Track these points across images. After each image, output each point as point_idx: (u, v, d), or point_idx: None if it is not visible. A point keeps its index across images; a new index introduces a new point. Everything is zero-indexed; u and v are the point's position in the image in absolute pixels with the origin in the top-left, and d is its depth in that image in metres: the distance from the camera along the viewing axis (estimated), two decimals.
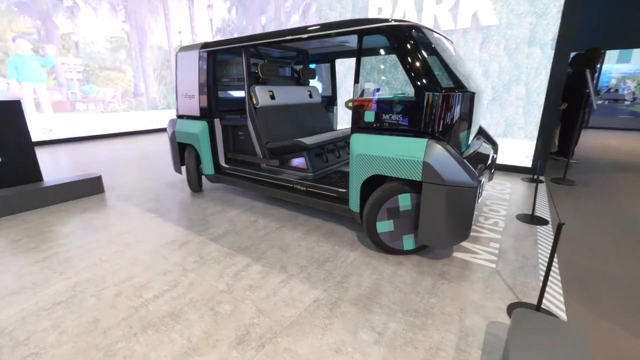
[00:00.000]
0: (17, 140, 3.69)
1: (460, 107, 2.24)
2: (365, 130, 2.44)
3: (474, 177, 2.03)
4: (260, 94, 3.25)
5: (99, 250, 2.54)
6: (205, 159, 3.68)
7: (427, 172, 2.11)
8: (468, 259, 2.39)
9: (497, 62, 4.60)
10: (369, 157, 2.37)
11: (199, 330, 1.69)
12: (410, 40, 2.18)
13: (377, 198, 2.31)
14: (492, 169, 3.17)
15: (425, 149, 2.12)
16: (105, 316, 1.80)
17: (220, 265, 2.31)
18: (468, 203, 2.05)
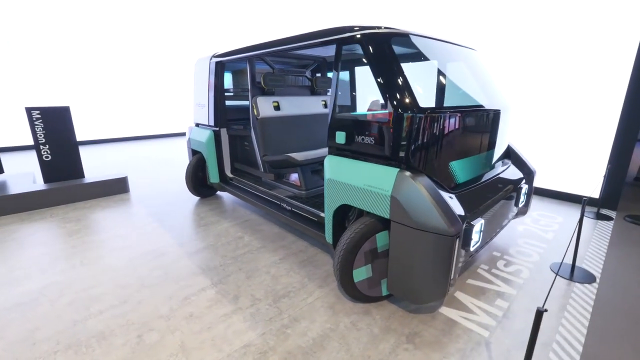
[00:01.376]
0: (65, 141, 4.19)
1: (451, 130, 1.81)
2: (339, 152, 2.13)
3: (454, 222, 1.59)
4: (263, 105, 3.14)
5: (87, 253, 2.68)
6: (211, 167, 3.72)
7: (395, 210, 1.73)
8: (456, 319, 1.91)
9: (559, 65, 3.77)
10: (339, 184, 2.06)
11: (112, 359, 1.61)
12: (385, 51, 1.82)
13: (352, 240, 1.88)
14: (521, 200, 2.59)
15: (394, 181, 1.74)
16: (45, 326, 1.84)
17: (177, 286, 2.23)
18: (442, 255, 1.62)
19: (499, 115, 2.26)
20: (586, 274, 2.42)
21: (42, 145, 4.06)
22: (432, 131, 1.72)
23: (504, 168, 2.55)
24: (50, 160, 4.15)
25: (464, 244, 1.78)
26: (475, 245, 1.89)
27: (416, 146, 1.72)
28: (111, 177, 4.29)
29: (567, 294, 2.17)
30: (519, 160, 2.73)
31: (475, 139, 2.06)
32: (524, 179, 2.62)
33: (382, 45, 1.83)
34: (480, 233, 1.89)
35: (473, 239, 1.82)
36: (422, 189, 1.65)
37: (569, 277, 2.37)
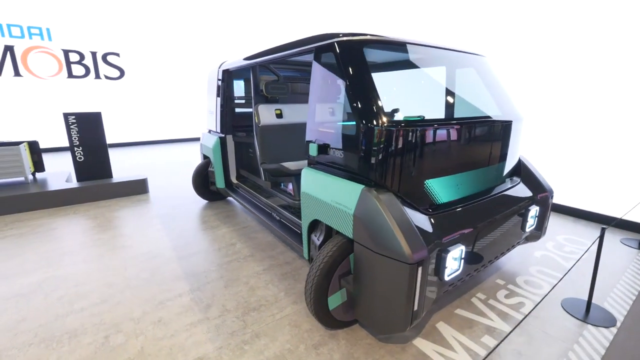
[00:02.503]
0: (96, 143, 4.59)
1: (428, 145, 1.66)
2: (314, 165, 2.06)
3: (417, 248, 1.44)
4: (264, 112, 3.13)
5: (90, 250, 2.88)
6: (217, 172, 3.82)
7: (357, 230, 1.62)
8: (429, 353, 1.73)
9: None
10: (311, 198, 1.98)
11: (74, 358, 1.69)
12: (355, 60, 1.72)
13: (325, 264, 1.69)
14: (529, 224, 2.27)
15: (358, 199, 1.62)
16: (31, 318, 1.99)
17: (158, 289, 2.29)
18: (401, 283, 1.46)
19: (496, 127, 2.04)
20: (605, 315, 2.07)
21: (76, 147, 4.48)
22: (403, 146, 1.58)
23: (507, 186, 2.28)
24: (83, 161, 4.56)
25: (437, 272, 1.61)
26: (453, 275, 1.67)
27: (384, 162, 1.58)
28: (132, 178, 4.60)
29: (574, 337, 1.87)
30: (531, 178, 2.42)
31: (463, 154, 1.86)
32: (533, 199, 2.32)
33: (351, 53, 1.73)
34: (460, 261, 1.68)
35: (448, 268, 1.62)
36: (383, 208, 1.51)
37: (582, 318, 2.05)
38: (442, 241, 1.61)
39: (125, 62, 8.66)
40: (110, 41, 8.30)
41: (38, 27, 7.41)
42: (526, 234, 2.35)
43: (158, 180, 5.40)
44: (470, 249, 1.82)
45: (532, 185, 2.40)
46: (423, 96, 1.88)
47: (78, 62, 8.02)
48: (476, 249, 1.88)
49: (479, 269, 1.99)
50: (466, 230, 1.76)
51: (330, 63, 1.80)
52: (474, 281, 2.42)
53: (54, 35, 7.61)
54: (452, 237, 1.67)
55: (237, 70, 3.67)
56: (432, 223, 1.66)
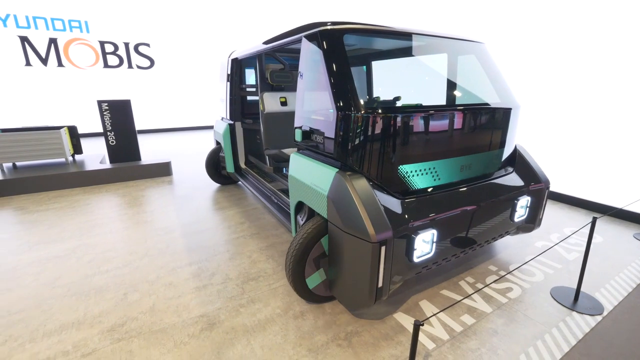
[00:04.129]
0: (127, 128, 4.99)
1: (403, 131, 1.72)
2: (301, 150, 2.18)
3: (381, 228, 1.53)
4: (269, 100, 3.26)
5: (117, 223, 3.23)
6: (227, 157, 4.04)
7: (330, 210, 1.74)
8: (407, 326, 1.86)
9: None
10: (297, 181, 2.11)
11: (98, 309, 1.99)
12: (334, 48, 1.79)
13: (299, 247, 1.81)
14: (519, 215, 2.27)
15: (331, 181, 1.74)
16: (66, 276, 2.33)
17: (171, 258, 2.57)
18: (365, 261, 1.57)
19: (481, 114, 2.04)
20: (594, 304, 2.08)
21: (109, 132, 4.90)
22: (376, 132, 1.65)
23: (496, 175, 2.28)
24: (115, 145, 4.98)
25: (407, 253, 1.70)
26: (423, 257, 1.75)
27: (358, 147, 1.67)
28: (158, 161, 4.97)
29: (554, 322, 1.92)
30: (526, 168, 2.40)
31: (441, 141, 1.90)
32: (524, 189, 2.30)
33: (331, 41, 1.79)
34: (432, 244, 1.76)
35: (418, 250, 1.70)
36: (352, 190, 1.61)
37: (570, 305, 2.08)
38: (412, 225, 1.69)
39: (155, 52, 9.13)
40: (141, 32, 8.78)
41: (77, 20, 7.98)
42: (516, 224, 2.35)
43: (182, 164, 5.78)
44: (445, 234, 1.87)
45: (525, 175, 2.37)
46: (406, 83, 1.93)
47: (113, 52, 8.58)
48: (453, 235, 1.93)
49: (457, 254, 2.03)
50: (439, 215, 1.81)
51: (313, 51, 1.87)
52: (465, 265, 2.49)
53: (92, 27, 8.17)
54: (423, 221, 1.74)
55: (246, 59, 3.82)
56: (404, 207, 1.74)
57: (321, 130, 1.86)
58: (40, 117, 8.05)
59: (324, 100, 1.80)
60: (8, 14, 7.31)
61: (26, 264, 2.48)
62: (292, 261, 1.82)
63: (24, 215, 3.41)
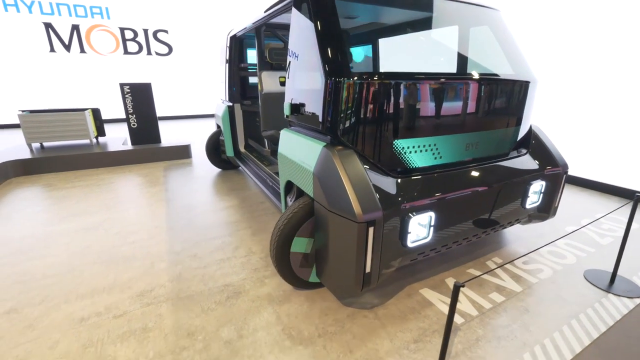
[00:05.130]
0: (147, 111, 5.06)
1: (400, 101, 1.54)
2: (290, 125, 2.01)
3: (369, 207, 1.38)
4: (267, 80, 2.98)
5: (141, 200, 3.30)
6: (227, 141, 3.87)
7: (316, 188, 1.58)
8: (433, 301, 1.83)
9: None
10: (285, 159, 1.95)
11: (126, 276, 2.03)
12: (324, 9, 1.62)
13: (283, 229, 1.67)
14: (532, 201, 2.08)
15: (317, 156, 1.58)
16: (95, 246, 2.39)
17: (194, 233, 2.60)
18: (351, 243, 1.42)
19: (491, 86, 1.80)
20: (631, 287, 1.99)
21: (130, 115, 4.98)
22: (368, 101, 1.48)
23: (506, 157, 2.05)
24: (136, 127, 5.07)
25: (400, 237, 1.55)
26: (419, 242, 1.59)
27: (347, 118, 1.50)
28: (178, 144, 5.03)
29: (590, 302, 1.84)
30: (542, 150, 2.15)
31: (444, 115, 1.68)
32: (539, 173, 2.06)
33: (321, 2, 1.62)
34: (429, 228, 1.59)
35: (413, 233, 1.55)
36: (338, 165, 1.45)
37: (605, 288, 1.99)
38: (406, 206, 1.52)
39: (173, 39, 9.19)
40: (160, 18, 8.84)
41: (99, 6, 8.10)
42: (528, 211, 2.14)
43: (201, 148, 5.84)
44: (445, 218, 1.70)
45: (541, 157, 2.13)
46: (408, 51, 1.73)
47: (132, 39, 8.68)
48: (454, 220, 1.75)
49: (459, 241, 1.86)
50: (438, 197, 1.63)
51: (303, 15, 1.71)
52: (492, 246, 2.42)
53: (112, 14, 8.28)
54: (420, 202, 1.57)
55: (246, 39, 3.62)
56: (399, 186, 1.58)
57: (309, 101, 1.68)
58: (64, 102, 8.27)
59: (313, 67, 1.62)
60: (33, 1, 7.48)
61: (57, 234, 2.56)
62: (276, 245, 1.69)
63: (52, 192, 3.52)
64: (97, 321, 1.65)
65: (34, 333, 1.58)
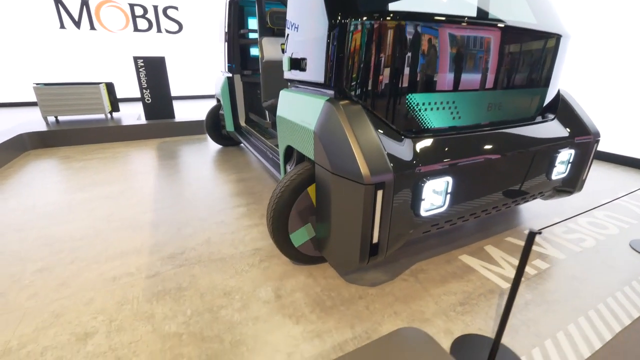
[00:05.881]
0: (161, 86, 4.96)
1: (412, 46, 1.32)
2: (290, 83, 1.82)
3: (377, 169, 1.21)
4: (268, 46, 2.69)
5: (160, 171, 3.25)
6: (227, 115, 3.65)
7: (317, 148, 1.41)
8: (475, 267, 1.75)
9: None
10: (284, 121, 1.77)
11: (154, 240, 1.99)
12: None
13: (281, 196, 1.52)
14: (558, 172, 1.88)
15: (319, 113, 1.40)
16: (118, 213, 2.35)
17: (218, 201, 2.55)
18: (356, 209, 1.26)
19: (518, 36, 1.57)
20: None
21: (144, 90, 4.88)
22: (377, 47, 1.28)
23: (532, 121, 1.84)
24: (151, 103, 4.98)
25: (412, 205, 1.38)
26: (433, 211, 1.43)
27: (353, 67, 1.31)
28: (192, 119, 4.95)
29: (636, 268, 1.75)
30: (571, 116, 1.94)
31: (466, 66, 1.46)
32: (568, 141, 1.85)
33: None
34: (445, 196, 1.43)
35: (427, 201, 1.39)
36: (343, 120, 1.28)
37: None
38: (420, 169, 1.34)
39: (183, 16, 8.98)
40: None
41: None
42: (553, 183, 1.94)
43: None
44: (463, 186, 1.51)
45: (570, 124, 1.92)
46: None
47: (142, 15, 8.49)
48: (473, 188, 1.57)
49: (477, 213, 1.68)
50: (456, 161, 1.44)
51: None
52: (529, 214, 2.32)
53: None
54: (436, 166, 1.38)
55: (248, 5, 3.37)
56: (412, 147, 1.38)
57: (311, 51, 1.47)
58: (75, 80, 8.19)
59: (315, 9, 1.40)
60: None
61: (79, 202, 2.52)
62: (273, 214, 1.54)
63: (71, 163, 3.49)
64: (129, 281, 1.61)
65: (68, 290, 1.54)
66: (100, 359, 1.19)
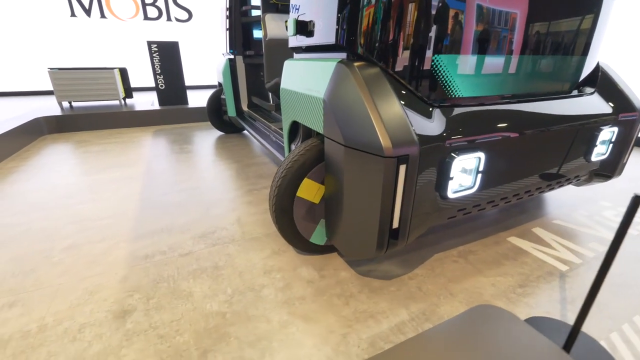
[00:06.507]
0: (174, 72, 4.87)
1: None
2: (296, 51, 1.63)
3: (400, 139, 1.03)
4: (271, 24, 2.51)
5: (179, 155, 3.16)
6: (228, 99, 3.43)
7: (327, 119, 1.22)
8: (526, 249, 1.63)
9: None
10: (289, 93, 1.59)
11: (183, 219, 1.90)
12: None
13: (285, 176, 1.35)
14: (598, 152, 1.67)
15: (330, 77, 1.22)
16: (144, 192, 2.27)
17: (244, 182, 2.45)
18: (374, 187, 1.09)
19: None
20: None
21: (158, 75, 4.80)
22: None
23: (571, 94, 1.62)
24: (164, 89, 4.90)
25: (438, 185, 1.20)
26: (461, 192, 1.23)
27: (369, 23, 1.11)
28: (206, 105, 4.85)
29: None
30: (613, 90, 1.72)
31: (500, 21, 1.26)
32: (611, 118, 1.64)
33: None
34: (475, 175, 1.24)
35: (455, 181, 1.19)
36: (359, 83, 1.09)
37: None
38: (449, 143, 1.15)
39: (193, 3, 8.84)
40: None
41: None
42: (591, 166, 1.74)
43: None
44: (496, 164, 1.33)
45: (612, 99, 1.70)
46: None
47: (152, 3, 8.37)
48: (507, 168, 1.38)
49: (509, 198, 1.49)
50: (489, 136, 1.25)
51: None
52: (577, 199, 2.19)
53: None
54: (466, 140, 1.19)
55: None
56: (440, 117, 1.19)
57: (319, 8, 1.27)
58: None
59: None
60: None
61: (101, 182, 2.45)
62: (276, 199, 1.36)
63: (89, 147, 3.42)
64: (162, 259, 1.53)
65: (99, 268, 1.46)
66: (141, 337, 1.11)
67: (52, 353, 1.05)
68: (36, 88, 7.91)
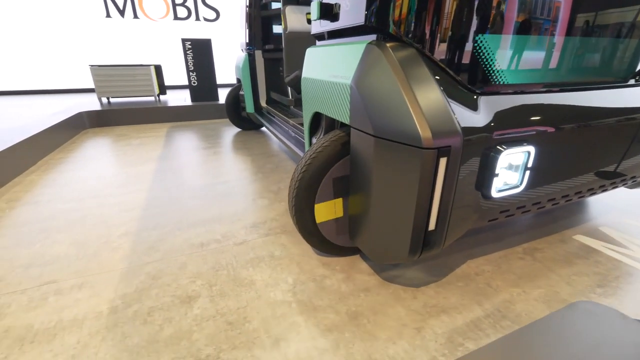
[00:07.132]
0: (207, 69, 4.94)
1: None
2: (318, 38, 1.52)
3: (442, 130, 0.91)
4: (292, 16, 2.43)
5: (218, 149, 3.19)
6: (247, 95, 3.40)
7: (354, 108, 1.12)
8: (597, 247, 1.53)
9: None
10: (311, 82, 1.49)
11: (231, 210, 1.90)
12: None
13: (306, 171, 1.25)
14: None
15: (359, 60, 1.10)
16: (187, 182, 2.30)
17: (285, 175, 2.44)
18: (409, 182, 0.97)
19: None
20: None
21: (191, 72, 4.89)
22: None
23: (631, 83, 1.41)
24: (197, 85, 4.98)
25: (479, 183, 1.06)
26: (507, 192, 1.09)
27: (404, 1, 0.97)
28: None
29: None
30: None
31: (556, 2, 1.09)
32: None
33: None
34: (523, 172, 1.09)
35: (500, 178, 1.06)
36: (393, 66, 0.97)
37: None
38: (495, 135, 1.01)
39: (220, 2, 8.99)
40: None
41: None
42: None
43: None
44: (547, 160, 1.17)
45: None
46: None
47: (182, 4, 8.57)
48: (556, 165, 1.22)
49: (557, 200, 1.32)
50: (541, 128, 1.10)
51: None
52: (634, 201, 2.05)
53: None
54: (514, 132, 1.04)
55: None
56: (485, 105, 1.04)
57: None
58: None
59: None
60: None
61: (145, 173, 2.50)
62: (295, 196, 1.27)
63: (128, 140, 3.51)
64: (218, 247, 1.53)
65: (158, 254, 1.47)
66: (210, 322, 1.09)
67: (127, 334, 1.05)
68: (76, 86, 8.25)
